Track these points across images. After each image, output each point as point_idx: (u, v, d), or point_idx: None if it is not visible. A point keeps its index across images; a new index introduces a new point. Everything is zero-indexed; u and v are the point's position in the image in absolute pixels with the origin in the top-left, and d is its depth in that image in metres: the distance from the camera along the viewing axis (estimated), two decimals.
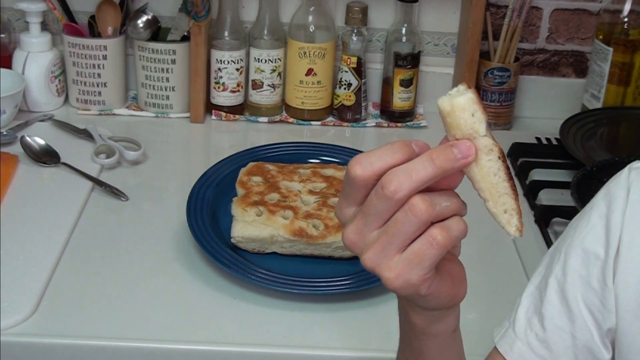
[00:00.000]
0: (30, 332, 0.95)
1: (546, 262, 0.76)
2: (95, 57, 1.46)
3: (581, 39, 1.56)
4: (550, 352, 0.73)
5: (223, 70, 1.47)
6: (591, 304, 0.71)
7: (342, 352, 0.96)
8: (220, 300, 1.02)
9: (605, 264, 0.71)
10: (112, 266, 1.08)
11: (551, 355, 0.73)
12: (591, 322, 0.72)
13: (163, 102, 1.50)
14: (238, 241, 1.09)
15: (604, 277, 0.71)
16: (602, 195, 0.74)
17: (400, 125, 1.52)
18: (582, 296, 0.72)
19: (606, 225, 0.72)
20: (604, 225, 0.72)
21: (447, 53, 1.57)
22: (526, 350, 0.74)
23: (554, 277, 0.74)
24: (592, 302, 0.71)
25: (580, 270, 0.72)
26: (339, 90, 1.50)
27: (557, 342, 0.73)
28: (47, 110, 1.48)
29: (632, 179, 0.73)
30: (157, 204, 1.24)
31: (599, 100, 1.47)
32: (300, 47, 1.47)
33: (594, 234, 0.72)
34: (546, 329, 0.73)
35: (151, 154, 1.36)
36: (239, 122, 1.50)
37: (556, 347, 0.73)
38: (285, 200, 1.14)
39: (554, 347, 0.73)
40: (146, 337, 0.96)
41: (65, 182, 1.25)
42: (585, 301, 0.72)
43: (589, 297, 0.72)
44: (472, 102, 0.59)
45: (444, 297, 0.65)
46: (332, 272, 1.06)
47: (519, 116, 1.58)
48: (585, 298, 0.72)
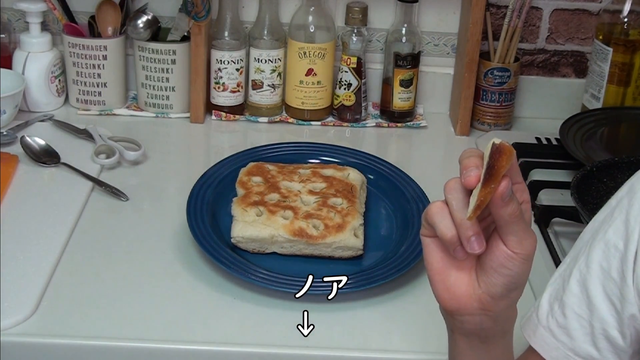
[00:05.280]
0: (30, 332, 0.95)
1: (573, 252, 0.79)
2: (95, 57, 1.46)
3: (581, 39, 1.56)
4: (570, 339, 0.75)
5: (223, 70, 1.47)
6: (612, 294, 0.73)
7: (342, 352, 0.96)
8: (220, 300, 1.02)
9: (625, 257, 0.72)
10: (112, 266, 1.08)
11: (571, 342, 0.75)
12: (610, 312, 0.73)
13: (163, 102, 1.50)
14: (238, 241, 1.09)
15: (622, 270, 0.72)
16: (625, 189, 0.76)
17: (400, 125, 1.52)
18: (603, 287, 0.74)
19: (626, 219, 0.73)
20: (624, 219, 0.74)
21: (447, 53, 1.57)
22: (548, 336, 0.77)
23: (577, 267, 0.76)
24: (612, 292, 0.73)
25: (602, 261, 0.74)
26: (338, 90, 1.50)
27: (577, 328, 0.75)
28: (47, 111, 1.48)
29: None
30: (157, 204, 1.24)
31: (599, 101, 1.47)
32: (300, 47, 1.47)
33: (615, 226, 0.74)
34: (566, 316, 0.76)
35: (151, 154, 1.36)
36: (239, 122, 1.50)
37: (576, 334, 0.75)
38: (285, 201, 1.14)
39: (573, 333, 0.75)
40: (146, 337, 0.96)
41: (65, 182, 1.25)
42: (605, 292, 0.74)
43: (610, 287, 0.73)
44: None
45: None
46: (332, 272, 1.06)
47: (519, 116, 1.58)
48: (605, 288, 0.74)
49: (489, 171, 0.64)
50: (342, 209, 1.12)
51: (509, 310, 0.72)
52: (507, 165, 0.64)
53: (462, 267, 0.70)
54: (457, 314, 0.72)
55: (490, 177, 0.64)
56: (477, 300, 0.70)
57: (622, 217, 0.74)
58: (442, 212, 0.68)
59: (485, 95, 1.49)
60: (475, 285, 0.70)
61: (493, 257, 0.67)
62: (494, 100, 1.49)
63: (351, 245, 1.08)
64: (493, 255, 0.67)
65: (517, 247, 0.67)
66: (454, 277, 0.70)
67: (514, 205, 0.65)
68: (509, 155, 0.64)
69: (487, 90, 1.49)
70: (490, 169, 0.64)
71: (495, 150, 0.64)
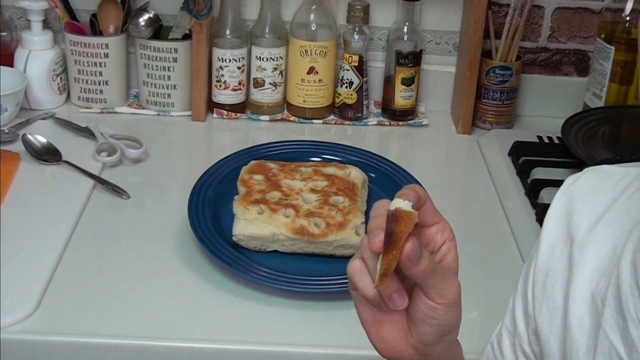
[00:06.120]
0: (31, 329, 0.95)
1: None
2: (97, 56, 1.46)
3: (583, 38, 1.56)
4: (502, 355, 0.76)
5: (225, 68, 1.47)
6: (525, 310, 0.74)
7: (343, 350, 0.96)
8: (222, 298, 1.02)
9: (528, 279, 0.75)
10: (114, 264, 1.08)
11: (502, 358, 0.76)
12: (525, 327, 0.73)
13: (164, 101, 1.50)
14: (239, 239, 1.09)
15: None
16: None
17: (402, 123, 1.52)
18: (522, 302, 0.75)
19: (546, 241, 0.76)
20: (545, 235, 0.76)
21: (449, 51, 1.56)
22: (490, 352, 0.78)
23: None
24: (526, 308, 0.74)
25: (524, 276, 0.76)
26: (340, 88, 1.50)
27: (507, 345, 0.76)
28: (49, 109, 1.48)
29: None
30: (158, 202, 1.24)
31: (601, 99, 1.46)
32: (301, 46, 1.46)
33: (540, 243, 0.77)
34: (502, 333, 0.77)
35: (153, 152, 1.36)
36: (240, 121, 1.50)
37: (505, 350, 0.76)
38: (286, 199, 1.14)
39: (504, 349, 0.76)
40: (147, 334, 0.96)
41: (66, 180, 1.25)
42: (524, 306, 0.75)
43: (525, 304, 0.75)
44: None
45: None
46: (334, 270, 1.06)
47: (520, 115, 1.58)
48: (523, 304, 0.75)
49: (389, 238, 0.61)
50: (343, 207, 1.12)
51: (449, 349, 0.71)
52: (408, 229, 0.61)
53: (393, 318, 0.69)
54: None
55: (391, 244, 0.61)
56: (412, 347, 0.69)
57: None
58: (361, 272, 0.65)
59: (487, 94, 1.49)
60: (408, 334, 0.69)
61: (417, 309, 0.66)
62: (495, 98, 1.49)
63: (352, 244, 1.08)
64: (417, 307, 0.66)
65: (439, 298, 0.65)
66: (386, 328, 0.69)
67: (424, 262, 0.62)
68: (407, 220, 0.61)
69: (488, 89, 1.49)
70: (389, 236, 0.61)
71: (391, 217, 0.61)
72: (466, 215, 1.24)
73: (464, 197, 1.34)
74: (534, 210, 1.22)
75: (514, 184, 1.30)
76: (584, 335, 0.66)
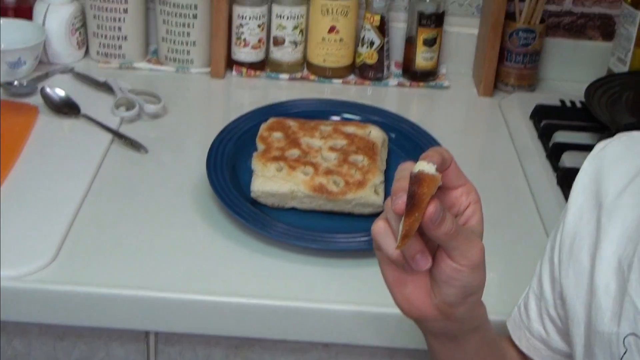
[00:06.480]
0: (49, 279, 0.95)
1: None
2: (116, 11, 1.45)
3: (609, 2, 1.54)
4: (528, 318, 0.80)
5: (244, 26, 1.45)
6: (552, 274, 0.76)
7: (360, 307, 0.95)
8: (239, 253, 1.02)
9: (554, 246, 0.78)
10: (131, 217, 1.08)
11: (528, 321, 0.80)
12: (550, 291, 0.76)
13: (183, 57, 1.49)
14: (258, 196, 1.09)
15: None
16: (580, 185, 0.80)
17: (423, 84, 1.50)
18: (549, 265, 0.77)
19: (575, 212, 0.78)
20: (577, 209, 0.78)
21: (472, 13, 1.54)
22: (516, 314, 0.82)
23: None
24: (553, 272, 0.76)
25: (552, 241, 0.79)
26: (361, 48, 1.48)
27: (533, 308, 0.79)
28: (68, 63, 1.47)
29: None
30: (176, 157, 1.24)
31: (626, 64, 1.44)
32: (323, 5, 1.45)
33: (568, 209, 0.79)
34: (529, 295, 0.80)
35: (171, 108, 1.35)
36: (259, 79, 1.49)
37: (531, 313, 0.80)
38: (305, 157, 1.13)
39: (530, 312, 0.80)
40: (164, 287, 0.95)
41: (85, 133, 1.25)
42: (551, 270, 0.77)
43: (552, 268, 0.77)
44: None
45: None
46: (352, 228, 1.05)
47: (543, 78, 1.56)
48: (550, 268, 0.77)
49: (411, 200, 0.61)
50: (362, 166, 1.12)
51: (473, 310, 0.71)
52: (431, 191, 0.61)
53: (417, 279, 0.69)
54: (420, 321, 0.72)
55: (413, 206, 0.61)
56: (435, 308, 0.69)
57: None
58: (384, 233, 0.66)
59: (509, 57, 1.47)
60: (431, 295, 0.69)
61: (441, 271, 0.66)
62: (518, 61, 1.47)
63: (371, 202, 1.08)
64: (440, 269, 0.66)
65: (462, 260, 0.65)
66: (410, 288, 0.69)
67: (447, 225, 0.62)
68: (430, 182, 0.61)
69: (511, 52, 1.47)
70: (411, 199, 0.61)
71: (413, 180, 0.61)
72: (486, 177, 1.22)
73: (484, 159, 1.33)
74: (554, 174, 1.21)
75: (535, 147, 1.29)
76: (609, 299, 0.66)
